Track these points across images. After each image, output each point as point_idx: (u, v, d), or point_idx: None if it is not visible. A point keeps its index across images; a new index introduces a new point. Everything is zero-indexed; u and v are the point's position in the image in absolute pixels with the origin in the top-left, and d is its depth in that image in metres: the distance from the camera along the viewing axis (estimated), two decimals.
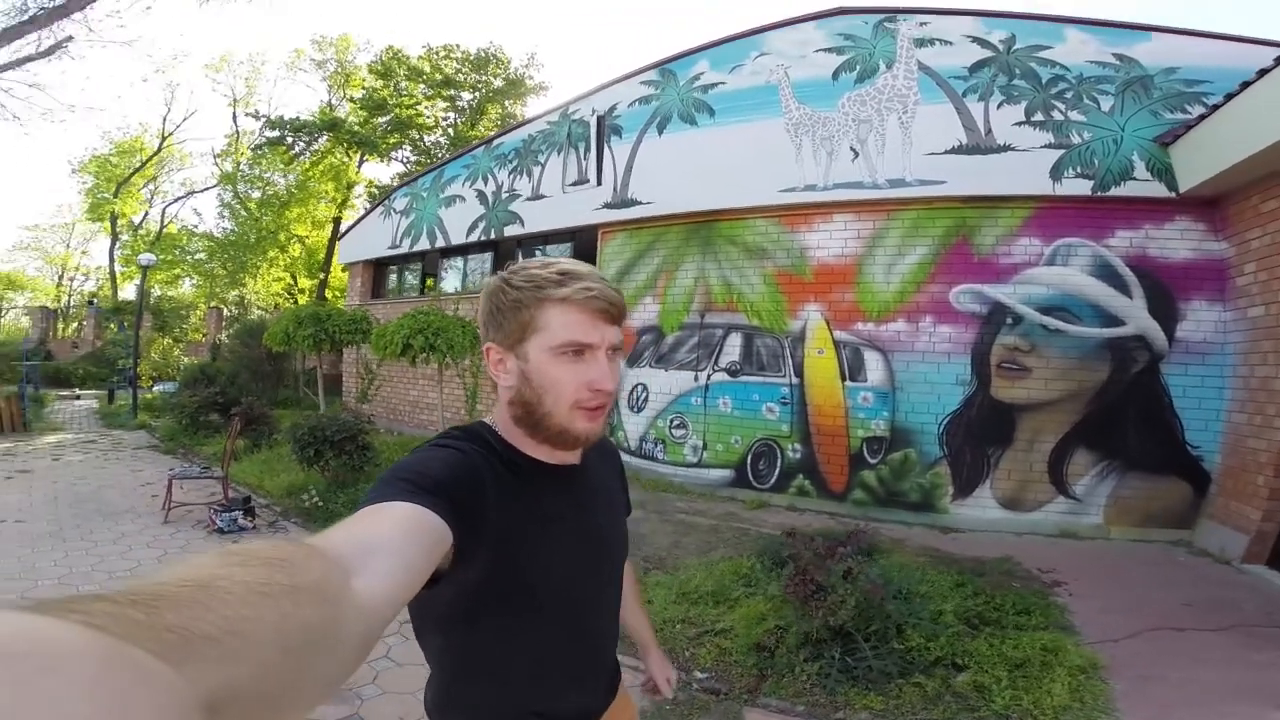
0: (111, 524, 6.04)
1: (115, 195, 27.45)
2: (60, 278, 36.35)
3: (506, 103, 22.85)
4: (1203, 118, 5.36)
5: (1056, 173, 6.01)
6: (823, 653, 3.03)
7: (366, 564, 0.57)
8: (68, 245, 35.17)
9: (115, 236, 28.95)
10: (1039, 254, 6.12)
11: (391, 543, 0.64)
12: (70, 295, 35.97)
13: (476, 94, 22.57)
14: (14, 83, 11.33)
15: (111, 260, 29.49)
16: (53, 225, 34.46)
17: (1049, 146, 6.04)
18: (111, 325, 22.03)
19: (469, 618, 0.89)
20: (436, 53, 22.02)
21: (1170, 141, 5.67)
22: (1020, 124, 6.14)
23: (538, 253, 10.16)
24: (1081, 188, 5.95)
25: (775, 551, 4.17)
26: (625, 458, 7.54)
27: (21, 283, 34.22)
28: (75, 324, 29.78)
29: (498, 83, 22.50)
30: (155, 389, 16.24)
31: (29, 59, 10.52)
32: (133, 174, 28.20)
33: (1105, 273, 5.95)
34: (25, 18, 9.72)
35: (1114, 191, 5.87)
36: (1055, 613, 3.79)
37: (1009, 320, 6.12)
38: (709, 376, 7.47)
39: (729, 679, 3.15)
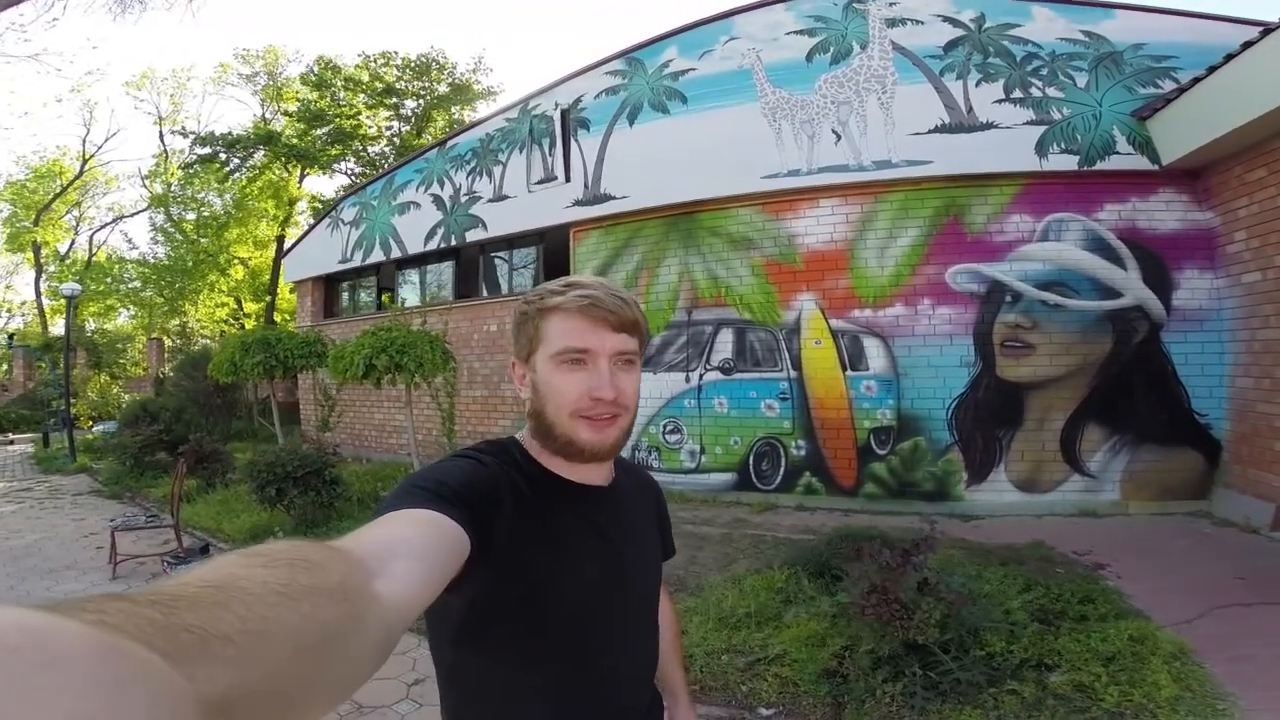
0: (52, 582, 5.45)
1: (36, 223, 25.56)
2: None
3: (454, 109, 22.15)
4: (1178, 93, 5.42)
5: (1041, 149, 5.99)
6: (902, 670, 2.75)
7: (388, 567, 0.56)
8: None
9: (40, 268, 27.08)
10: (1031, 230, 6.06)
11: (413, 547, 0.63)
12: None
13: (421, 101, 21.82)
14: None
15: (38, 294, 27.55)
16: None
17: (1031, 123, 6.03)
18: (42, 364, 20.57)
19: (475, 637, 0.87)
20: (374, 60, 21.17)
21: (1148, 115, 5.72)
22: (1000, 101, 6.11)
23: (504, 257, 9.73)
24: (1068, 163, 5.94)
25: (812, 559, 3.89)
26: None
27: None
28: (3, 365, 27.80)
29: (442, 89, 21.74)
30: (95, 429, 15.16)
31: None
32: (53, 199, 26.33)
33: (1098, 246, 5.93)
34: None
35: (1099, 165, 5.89)
36: (1115, 598, 3.63)
37: (1008, 298, 6.03)
38: (701, 376, 7.18)
39: (800, 711, 2.85)
